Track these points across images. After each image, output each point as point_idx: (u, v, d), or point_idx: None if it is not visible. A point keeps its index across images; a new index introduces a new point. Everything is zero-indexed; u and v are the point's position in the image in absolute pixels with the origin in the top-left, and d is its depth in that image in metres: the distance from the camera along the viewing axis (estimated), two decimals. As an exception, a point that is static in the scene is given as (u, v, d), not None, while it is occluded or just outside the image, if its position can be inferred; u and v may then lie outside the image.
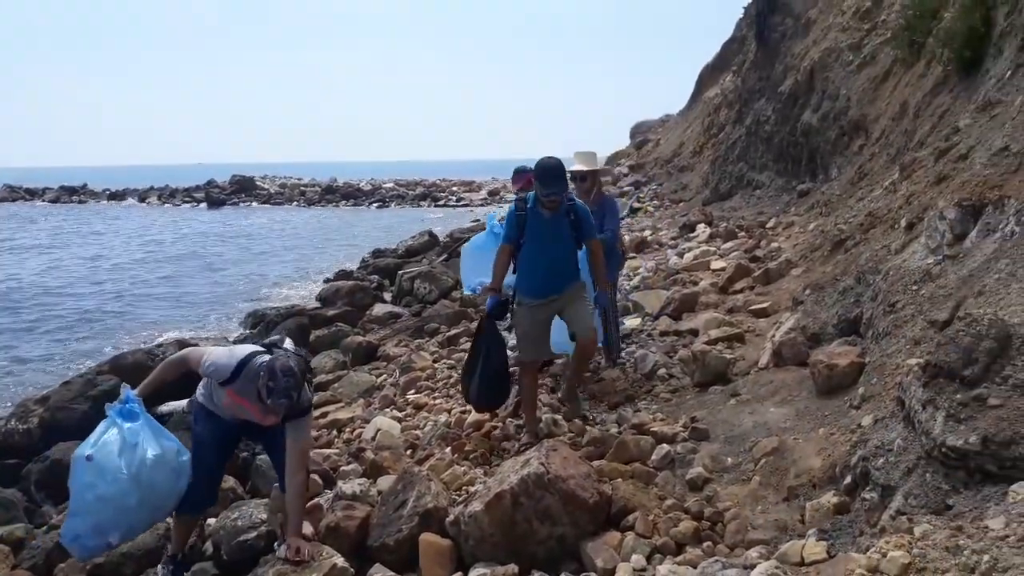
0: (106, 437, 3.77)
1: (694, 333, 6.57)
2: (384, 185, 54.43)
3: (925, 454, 2.87)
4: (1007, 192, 4.35)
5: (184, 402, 7.79)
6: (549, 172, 4.91)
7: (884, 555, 2.43)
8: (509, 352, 5.48)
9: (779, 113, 15.29)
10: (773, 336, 5.58)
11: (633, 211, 22.66)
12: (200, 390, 4.12)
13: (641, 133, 44.01)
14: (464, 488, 4.50)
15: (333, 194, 49.31)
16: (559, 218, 5.00)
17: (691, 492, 3.94)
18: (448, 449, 5.11)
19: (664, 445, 4.34)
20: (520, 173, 6.71)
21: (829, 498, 3.37)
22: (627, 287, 9.77)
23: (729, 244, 11.67)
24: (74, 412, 6.80)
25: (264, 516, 4.54)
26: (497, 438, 5.18)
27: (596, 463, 4.28)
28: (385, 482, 4.73)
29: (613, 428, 4.93)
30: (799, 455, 3.83)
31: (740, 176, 17.38)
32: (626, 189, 29.94)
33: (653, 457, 4.28)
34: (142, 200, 53.31)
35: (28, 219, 40.92)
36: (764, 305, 6.73)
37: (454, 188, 51.86)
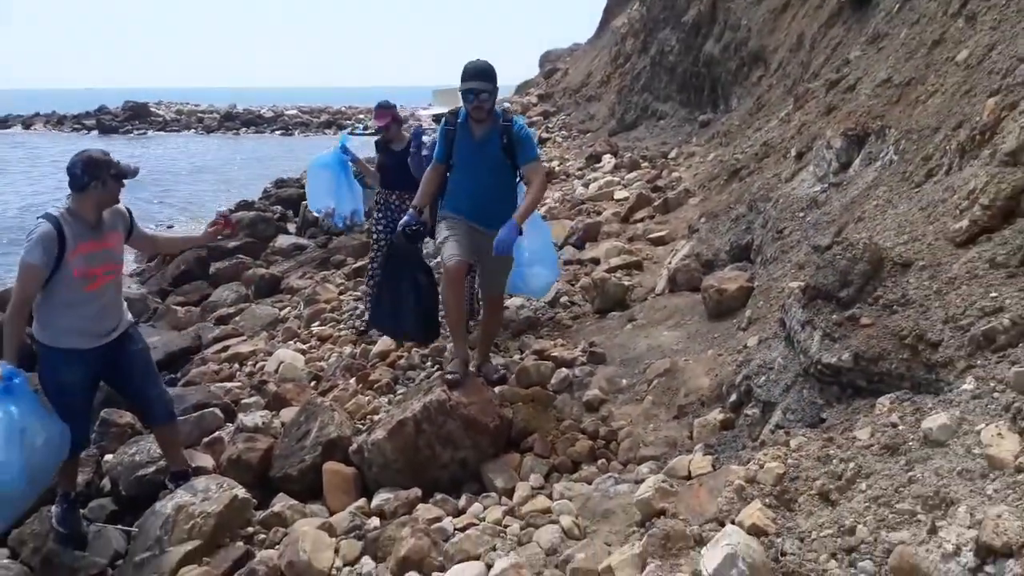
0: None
1: (596, 262, 6.70)
2: (287, 112, 52.61)
3: (803, 371, 3.05)
4: (888, 122, 4.55)
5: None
6: (470, 67, 4.29)
7: (761, 466, 2.59)
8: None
9: (682, 43, 15.39)
10: (669, 263, 5.75)
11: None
12: (39, 328, 3.76)
13: (550, 62, 43.66)
14: (368, 417, 4.54)
15: (233, 121, 47.42)
16: (491, 140, 4.38)
17: (588, 413, 4.08)
18: (353, 380, 5.11)
19: (563, 369, 4.45)
20: (384, 108, 6.29)
21: (715, 415, 3.55)
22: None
23: (633, 175, 11.83)
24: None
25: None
26: (402, 367, 5.20)
27: (498, 388, 4.37)
28: (288, 414, 4.73)
29: (516, 355, 5.02)
30: (689, 375, 4.01)
31: (645, 107, 17.52)
32: (535, 119, 29.84)
33: (552, 381, 4.40)
34: (27, 127, 50.06)
35: None
36: (662, 233, 6.90)
37: (360, 116, 50.57)
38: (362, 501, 3.76)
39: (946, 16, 4.72)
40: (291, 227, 14.35)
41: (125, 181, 3.86)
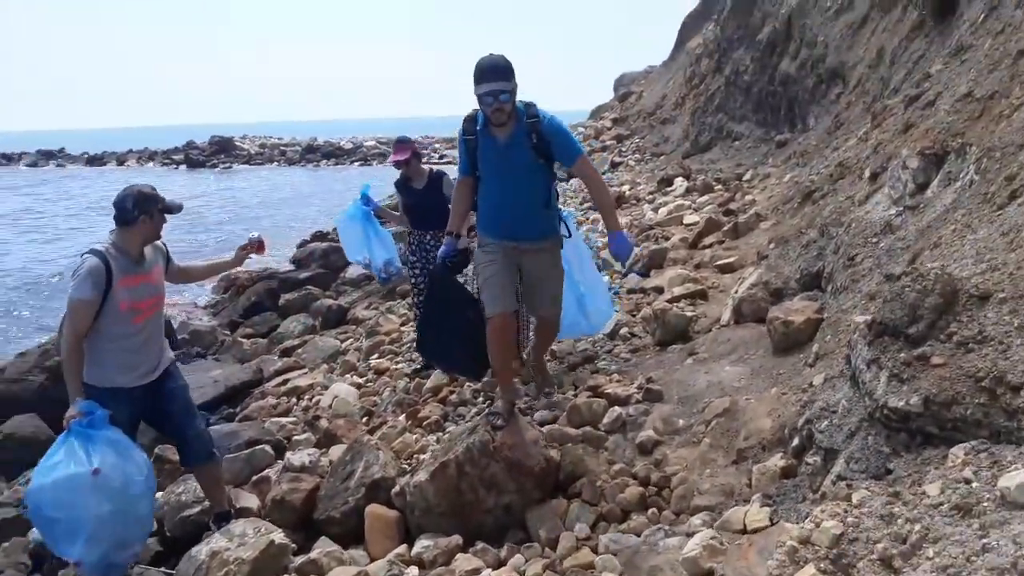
0: (98, 449, 3.47)
1: (659, 290, 6.44)
2: (365, 143, 53.79)
3: (868, 416, 2.76)
4: (969, 140, 4.19)
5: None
6: (485, 65, 3.78)
7: (817, 525, 2.32)
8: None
9: (757, 62, 15.00)
10: (735, 292, 5.45)
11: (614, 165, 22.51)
12: (85, 367, 3.73)
13: (624, 85, 43.43)
14: (415, 456, 4.40)
15: (314, 153, 48.77)
16: (518, 142, 3.91)
17: (640, 456, 3.84)
18: (403, 416, 5.00)
19: (616, 408, 4.21)
20: (403, 143, 6.02)
21: (776, 461, 3.27)
22: (598, 244, 9.63)
23: (704, 198, 11.49)
24: (30, 384, 6.64)
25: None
26: (453, 403, 5.06)
27: (547, 427, 4.17)
28: (337, 452, 4.64)
29: (569, 391, 4.81)
30: (750, 416, 3.73)
31: (719, 127, 17.14)
32: (608, 143, 29.71)
33: (605, 420, 4.17)
34: (120, 163, 52.66)
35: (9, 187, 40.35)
36: (730, 260, 6.60)
37: (436, 144, 51.28)
38: (403, 548, 3.62)
39: (1033, 23, 4.36)
40: (363, 257, 14.51)
41: (168, 216, 3.87)
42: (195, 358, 8.14)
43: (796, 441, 3.28)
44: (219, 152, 50.61)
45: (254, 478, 4.61)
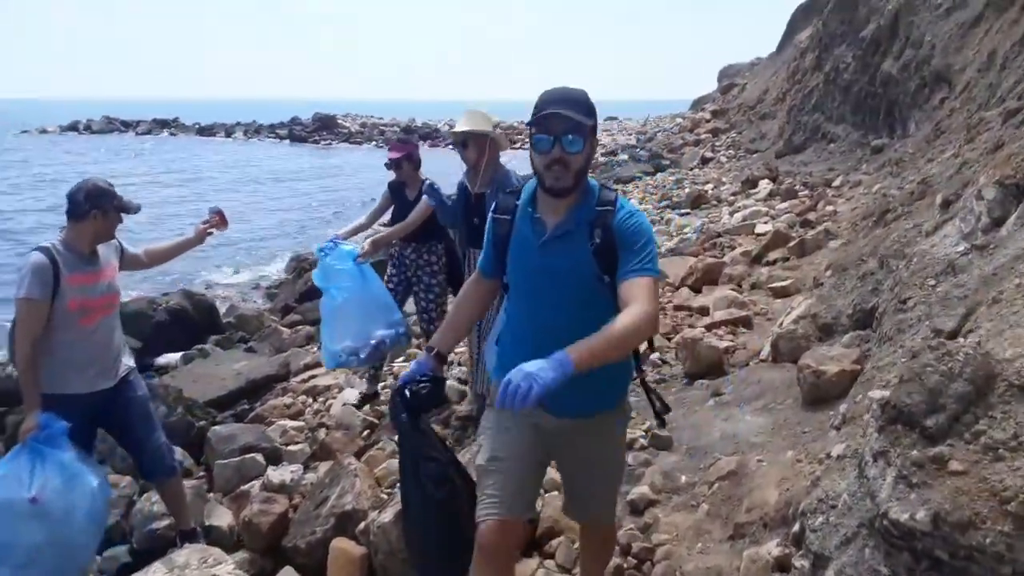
0: (45, 472, 3.24)
1: (704, 311, 5.91)
2: (461, 126, 53.79)
3: (867, 522, 2.25)
4: (1058, 172, 3.54)
5: (177, 355, 7.61)
6: (548, 95, 2.35)
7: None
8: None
9: (859, 60, 13.99)
10: (780, 324, 4.90)
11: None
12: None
13: (728, 77, 42.09)
14: (397, 485, 4.06)
15: (411, 134, 49.09)
16: (576, 235, 2.37)
17: (630, 516, 3.39)
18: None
19: (613, 455, 3.77)
20: (402, 142, 5.18)
21: (772, 548, 2.78)
22: (662, 250, 9.10)
23: (785, 204, 10.76)
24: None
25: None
26: (455, 426, 4.71)
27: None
28: (324, 470, 4.36)
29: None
30: (757, 483, 3.23)
31: (815, 127, 16.16)
32: (703, 137, 28.74)
33: (598, 468, 3.73)
34: (228, 135, 54.56)
35: (114, 151, 42.30)
36: (786, 283, 5.99)
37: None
38: (359, 592, 3.30)
39: None
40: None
41: (124, 217, 3.63)
42: (236, 344, 8.05)
43: (797, 527, 2.78)
44: (321, 129, 51.70)
45: (236, 491, 4.39)
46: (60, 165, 32.92)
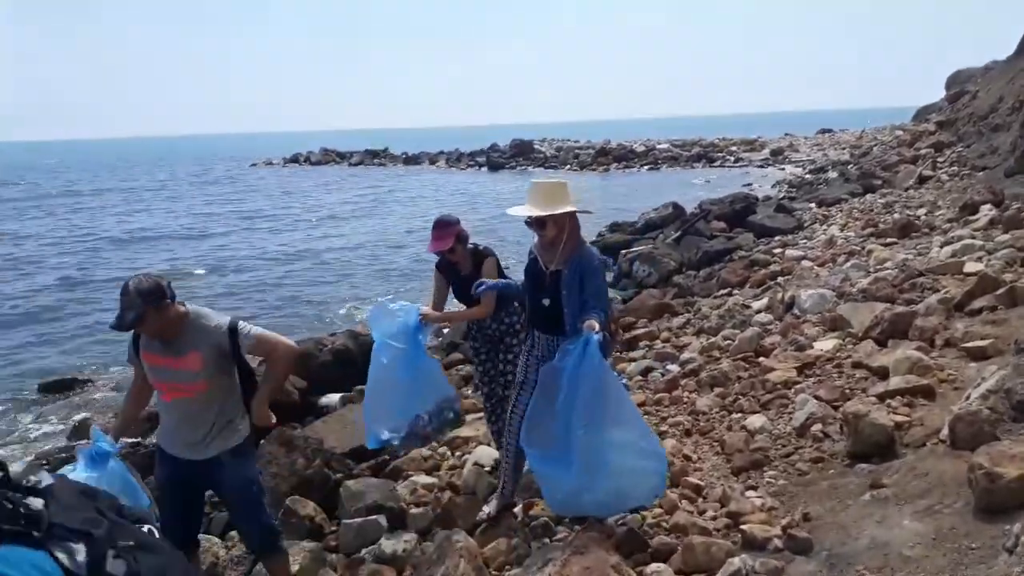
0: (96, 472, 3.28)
1: (883, 374, 5.17)
2: (658, 146, 53.06)
3: None
4: None
5: (337, 397, 7.82)
6: None
7: None
8: None
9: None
10: (966, 399, 4.16)
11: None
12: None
13: (958, 83, 38.34)
14: (505, 568, 3.82)
15: (606, 156, 49.03)
16: None
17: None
18: (520, 507, 4.42)
19: (739, 558, 3.27)
20: (444, 227, 4.68)
21: None
22: (852, 290, 8.21)
23: (1005, 237, 9.38)
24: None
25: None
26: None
27: (651, 568, 3.39)
28: (439, 540, 4.19)
29: (710, 510, 3.93)
30: (901, 616, 2.68)
31: (1055, 143, 14.17)
32: (923, 152, 26.28)
33: (720, 573, 3.27)
34: (432, 163, 57.23)
35: (324, 184, 45.78)
36: (985, 343, 5.12)
37: (733, 147, 49.12)
38: None
39: None
40: (609, 276, 14.03)
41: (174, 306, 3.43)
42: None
43: None
44: (518, 155, 52.85)
45: (353, 556, 4.34)
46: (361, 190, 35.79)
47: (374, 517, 4.57)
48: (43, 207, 38.01)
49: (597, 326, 3.55)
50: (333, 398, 7.68)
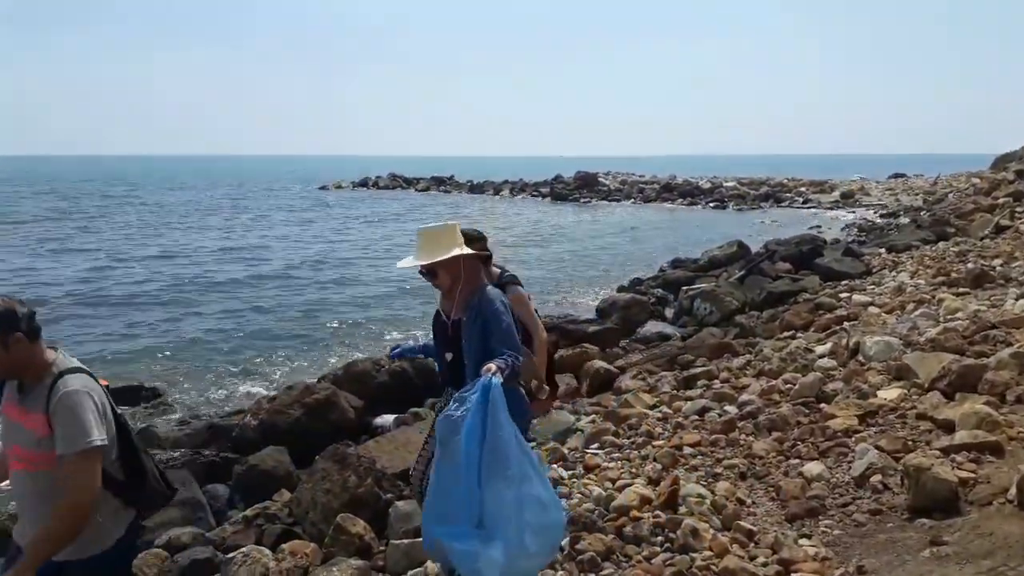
0: None
1: (949, 427, 5.01)
2: (725, 183, 52.51)
3: None
4: None
5: (392, 418, 7.90)
6: None
7: None
8: None
9: None
10: (1038, 458, 4.00)
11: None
12: None
13: (1045, 128, 37.15)
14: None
15: (670, 192, 48.79)
16: None
17: None
18: (567, 539, 4.39)
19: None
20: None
21: None
22: (920, 339, 7.97)
23: (1086, 291, 9.05)
24: (287, 417, 7.18)
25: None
26: (628, 536, 4.33)
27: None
28: None
29: (761, 555, 3.84)
30: None
31: None
32: (1000, 201, 25.47)
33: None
34: (496, 193, 57.66)
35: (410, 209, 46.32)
36: (1060, 401, 4.93)
37: (802, 188, 48.30)
38: None
39: None
40: (669, 312, 13.89)
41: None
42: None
43: None
44: (582, 187, 52.96)
45: (400, 576, 4.37)
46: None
47: (421, 539, 4.58)
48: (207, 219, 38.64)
49: (494, 367, 3.23)
50: (388, 419, 7.75)
